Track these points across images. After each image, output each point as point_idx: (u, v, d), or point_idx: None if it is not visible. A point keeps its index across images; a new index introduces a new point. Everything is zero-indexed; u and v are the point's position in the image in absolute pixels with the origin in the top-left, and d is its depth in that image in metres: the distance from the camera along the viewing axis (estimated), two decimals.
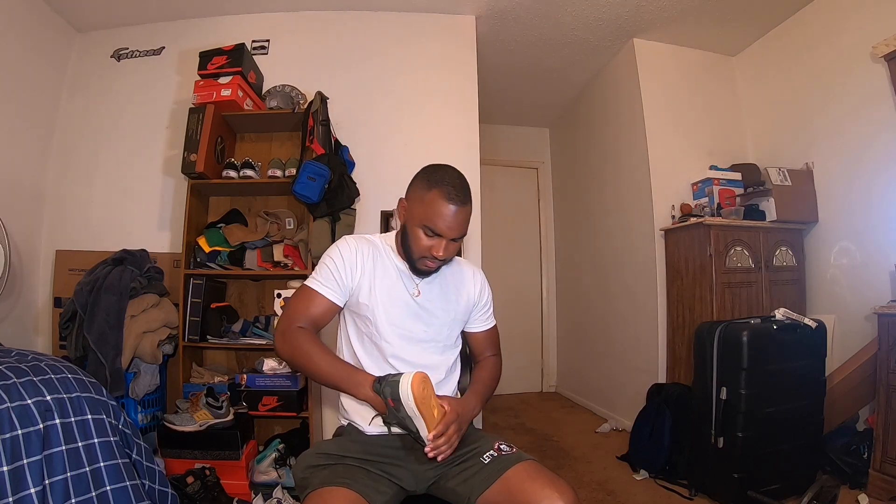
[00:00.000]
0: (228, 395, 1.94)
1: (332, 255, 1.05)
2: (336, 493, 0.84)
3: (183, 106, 2.36)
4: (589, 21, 2.69)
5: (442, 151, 2.51)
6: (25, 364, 0.99)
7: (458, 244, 1.04)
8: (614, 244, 3.15)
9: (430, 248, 1.00)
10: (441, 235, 1.00)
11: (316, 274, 1.05)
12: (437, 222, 0.98)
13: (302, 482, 0.94)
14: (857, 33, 2.25)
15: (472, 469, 0.93)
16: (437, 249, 1.00)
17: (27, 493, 0.84)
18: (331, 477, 0.89)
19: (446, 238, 1.00)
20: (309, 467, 0.96)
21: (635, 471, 2.16)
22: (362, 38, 2.64)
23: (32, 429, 0.88)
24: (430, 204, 0.99)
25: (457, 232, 1.00)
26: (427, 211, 0.99)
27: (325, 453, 0.99)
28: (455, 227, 0.99)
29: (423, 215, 1.00)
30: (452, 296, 1.12)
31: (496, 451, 0.95)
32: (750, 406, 1.74)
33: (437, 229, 0.99)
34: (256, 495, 1.80)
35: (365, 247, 1.07)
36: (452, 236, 1.00)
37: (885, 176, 2.16)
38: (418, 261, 1.03)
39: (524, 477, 0.87)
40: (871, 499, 1.71)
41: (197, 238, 2.18)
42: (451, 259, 1.09)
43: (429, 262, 1.03)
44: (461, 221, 1.00)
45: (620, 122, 3.06)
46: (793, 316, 1.89)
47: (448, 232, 0.99)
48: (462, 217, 1.00)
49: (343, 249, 1.05)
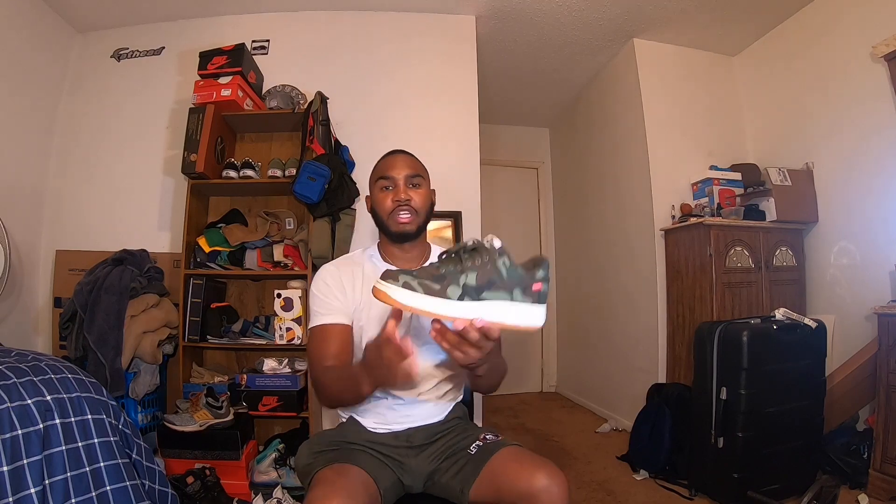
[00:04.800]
0: (228, 395, 1.94)
1: (317, 286, 1.03)
2: (349, 470, 0.86)
3: (183, 106, 2.35)
4: (589, 21, 2.69)
5: (442, 151, 2.51)
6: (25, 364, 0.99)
7: (422, 192, 1.05)
8: (614, 244, 3.15)
9: (391, 197, 1.03)
10: (392, 179, 1.04)
11: (312, 312, 1.03)
12: (385, 169, 1.05)
13: (307, 468, 0.95)
14: (857, 33, 2.24)
15: (460, 461, 0.94)
16: (395, 193, 1.03)
17: (27, 493, 0.84)
18: (339, 457, 0.91)
19: (399, 179, 1.03)
20: (314, 453, 0.98)
21: (635, 471, 2.16)
22: (362, 38, 2.64)
23: (32, 429, 0.88)
24: (377, 167, 1.09)
25: (407, 169, 1.04)
26: (376, 172, 1.08)
27: (329, 440, 1.01)
28: (402, 166, 1.04)
29: (375, 176, 1.08)
30: None
31: (481, 441, 0.96)
32: (750, 406, 1.74)
33: (387, 174, 1.04)
34: (256, 495, 1.79)
35: (345, 267, 1.06)
36: (405, 173, 1.04)
37: (885, 176, 2.16)
38: (390, 221, 1.03)
39: (509, 460, 0.88)
40: (871, 499, 1.72)
41: (197, 238, 2.18)
42: (424, 211, 1.06)
43: (400, 216, 1.02)
44: (407, 163, 1.06)
45: (620, 121, 3.06)
46: (793, 316, 1.89)
47: (397, 171, 1.04)
48: (405, 160, 1.06)
49: (325, 276, 1.04)
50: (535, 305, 0.65)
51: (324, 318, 1.00)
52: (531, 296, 0.64)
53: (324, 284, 1.03)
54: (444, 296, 0.62)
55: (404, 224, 1.03)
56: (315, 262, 2.09)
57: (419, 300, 0.62)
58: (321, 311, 1.01)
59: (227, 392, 1.97)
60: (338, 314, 1.00)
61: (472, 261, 0.64)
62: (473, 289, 0.63)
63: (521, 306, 0.64)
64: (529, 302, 0.64)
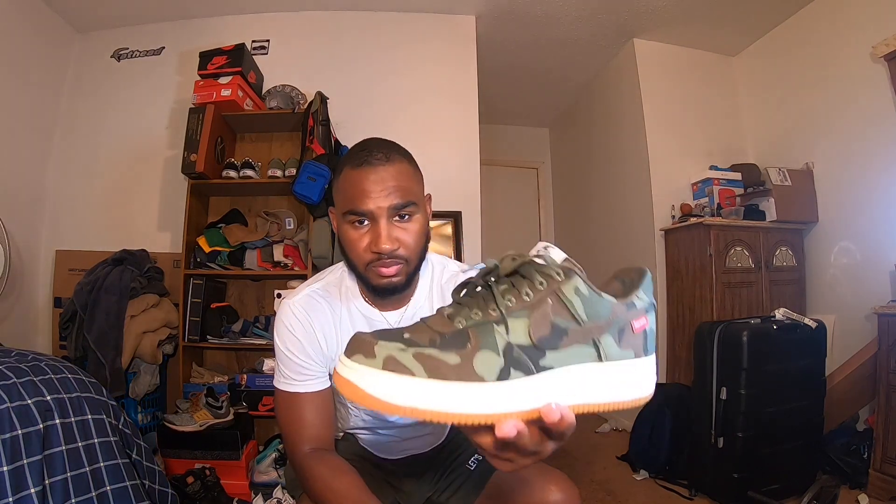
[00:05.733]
0: (228, 395, 1.94)
1: (283, 339, 0.80)
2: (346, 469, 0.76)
3: (183, 106, 2.35)
4: (589, 21, 2.69)
5: (442, 151, 2.51)
6: (25, 364, 0.98)
7: (414, 226, 0.73)
8: (614, 244, 3.15)
9: (368, 243, 0.71)
10: (368, 214, 0.70)
11: (277, 368, 0.82)
12: (356, 199, 0.70)
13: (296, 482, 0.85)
14: (857, 33, 2.24)
15: (459, 478, 0.89)
16: (374, 241, 0.70)
17: (27, 493, 0.84)
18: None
19: (378, 215, 0.70)
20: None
21: (635, 471, 2.16)
22: (362, 38, 2.64)
23: (32, 429, 0.88)
24: (342, 184, 0.73)
25: (390, 195, 0.70)
26: (342, 196, 0.73)
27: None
28: (378, 192, 0.69)
29: (341, 204, 0.74)
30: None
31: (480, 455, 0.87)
32: (750, 406, 1.74)
33: (359, 208, 0.70)
34: (256, 495, 1.79)
35: (318, 310, 0.81)
36: (389, 203, 0.69)
37: (885, 176, 2.16)
38: (367, 272, 0.73)
39: (515, 476, 0.80)
40: (871, 499, 1.71)
41: (197, 238, 2.18)
42: (417, 251, 0.75)
43: (380, 269, 0.72)
44: (390, 183, 0.70)
45: (620, 122, 3.06)
46: (793, 316, 1.89)
47: (372, 202, 0.69)
48: (388, 175, 0.70)
49: (293, 326, 0.80)
50: (643, 360, 0.40)
51: (294, 385, 0.79)
52: (634, 342, 0.39)
53: (292, 339, 0.79)
54: (469, 377, 0.34)
55: (389, 278, 0.73)
56: (315, 262, 2.09)
57: (422, 393, 0.33)
58: (290, 374, 0.79)
59: (227, 392, 1.97)
60: (312, 381, 0.79)
61: (517, 295, 0.37)
62: (526, 350, 0.35)
63: (620, 367, 0.38)
64: (632, 354, 0.39)
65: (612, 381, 0.37)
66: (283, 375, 0.80)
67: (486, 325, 0.35)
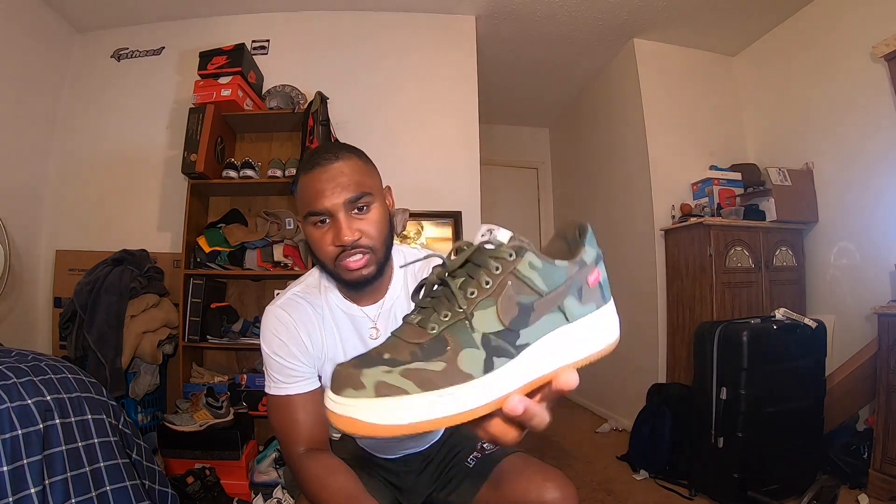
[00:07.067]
0: (228, 395, 1.94)
1: (269, 343, 0.83)
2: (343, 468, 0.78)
3: (183, 106, 2.35)
4: (589, 21, 2.69)
5: (441, 151, 2.51)
6: (25, 364, 0.98)
7: (373, 216, 0.77)
8: (614, 244, 3.15)
9: (332, 238, 0.75)
10: (326, 211, 0.75)
11: (266, 374, 0.85)
12: (313, 200, 0.75)
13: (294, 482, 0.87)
14: (857, 34, 2.24)
15: (458, 476, 0.89)
16: (337, 235, 0.74)
17: (27, 492, 0.84)
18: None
19: (335, 211, 0.74)
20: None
21: (635, 471, 2.16)
22: (362, 38, 2.64)
23: (32, 429, 0.88)
24: (300, 191, 0.79)
25: (344, 190, 0.74)
26: (301, 201, 0.78)
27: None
28: (336, 187, 0.74)
29: (301, 208, 0.78)
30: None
31: (479, 452, 0.90)
32: (750, 406, 1.74)
33: (316, 207, 0.75)
34: (256, 495, 1.79)
35: (300, 311, 0.85)
36: (343, 198, 0.74)
37: (885, 176, 2.16)
38: (337, 268, 0.77)
39: (513, 472, 0.83)
40: (871, 499, 1.71)
41: (197, 238, 2.18)
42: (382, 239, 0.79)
43: (347, 262, 0.76)
44: (342, 179, 0.75)
45: (620, 121, 3.06)
46: (793, 316, 1.89)
47: (327, 200, 0.74)
48: (339, 172, 0.75)
49: (277, 330, 0.83)
50: (603, 308, 0.42)
51: (285, 388, 0.81)
52: (592, 295, 0.41)
53: (277, 342, 0.82)
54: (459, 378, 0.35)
55: (359, 270, 0.77)
56: (315, 263, 2.09)
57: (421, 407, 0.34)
58: (279, 377, 0.82)
59: (227, 392, 1.97)
60: (302, 381, 0.82)
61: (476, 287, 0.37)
62: (502, 335, 0.36)
63: (587, 322, 0.40)
64: (594, 307, 0.41)
65: (583, 337, 0.39)
66: (272, 380, 0.83)
67: (457, 324, 0.36)
